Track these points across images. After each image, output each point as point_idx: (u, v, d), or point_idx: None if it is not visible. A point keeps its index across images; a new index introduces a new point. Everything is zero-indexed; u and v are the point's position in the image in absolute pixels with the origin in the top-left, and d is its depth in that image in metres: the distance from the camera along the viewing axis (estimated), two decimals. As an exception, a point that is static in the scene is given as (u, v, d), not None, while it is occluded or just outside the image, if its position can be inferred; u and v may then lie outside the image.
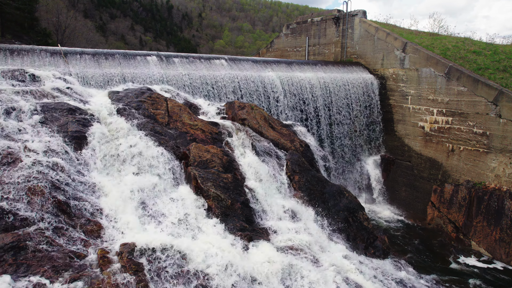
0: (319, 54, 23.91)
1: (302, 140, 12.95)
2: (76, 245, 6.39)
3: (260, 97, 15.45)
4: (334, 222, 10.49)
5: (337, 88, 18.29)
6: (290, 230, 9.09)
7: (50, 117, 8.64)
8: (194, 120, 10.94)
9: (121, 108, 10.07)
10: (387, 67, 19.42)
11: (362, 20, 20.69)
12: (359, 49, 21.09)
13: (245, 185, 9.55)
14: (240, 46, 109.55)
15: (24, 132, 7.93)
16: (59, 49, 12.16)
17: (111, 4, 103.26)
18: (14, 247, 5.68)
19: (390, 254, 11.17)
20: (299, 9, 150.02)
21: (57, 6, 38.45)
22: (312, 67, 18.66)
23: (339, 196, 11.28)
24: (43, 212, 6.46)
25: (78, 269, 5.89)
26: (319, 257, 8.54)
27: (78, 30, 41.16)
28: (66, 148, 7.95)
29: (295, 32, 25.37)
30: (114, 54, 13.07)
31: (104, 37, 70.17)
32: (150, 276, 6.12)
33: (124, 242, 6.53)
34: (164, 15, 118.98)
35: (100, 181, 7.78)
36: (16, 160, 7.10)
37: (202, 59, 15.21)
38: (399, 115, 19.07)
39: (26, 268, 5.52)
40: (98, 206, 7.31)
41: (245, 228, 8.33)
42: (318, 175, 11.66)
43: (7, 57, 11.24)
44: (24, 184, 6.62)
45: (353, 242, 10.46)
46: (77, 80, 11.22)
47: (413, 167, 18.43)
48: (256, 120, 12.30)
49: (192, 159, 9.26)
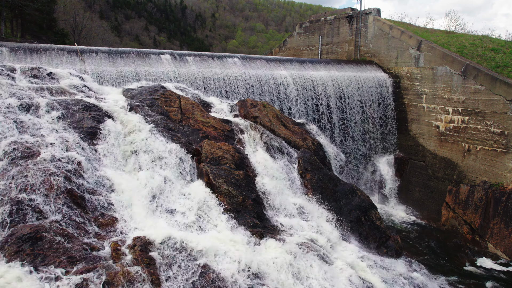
0: (332, 53, 23.75)
1: (314, 139, 12.90)
2: (90, 238, 6.52)
3: (272, 96, 15.45)
4: (346, 221, 10.41)
5: (350, 86, 18.14)
6: (301, 227, 9.07)
7: (66, 114, 8.84)
8: (206, 118, 11.02)
9: (135, 105, 10.23)
10: (401, 66, 19.16)
11: (376, 18, 20.47)
12: (373, 47, 20.86)
13: (257, 182, 9.58)
14: (253, 46, 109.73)
15: (41, 128, 8.14)
16: (75, 48, 12.43)
17: (126, 5, 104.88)
18: (31, 238, 5.84)
19: (403, 254, 11.01)
20: (312, 9, 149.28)
21: (74, 7, 39.30)
22: (325, 66, 18.55)
23: (351, 195, 11.19)
24: (59, 205, 6.62)
25: (92, 261, 6.02)
26: (330, 255, 8.50)
27: (94, 30, 41.97)
28: (82, 143, 8.12)
29: (308, 31, 25.27)
30: (129, 52, 13.28)
31: (119, 37, 71.32)
32: (162, 269, 6.20)
33: (136, 235, 6.63)
34: (177, 16, 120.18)
35: (114, 176, 7.91)
36: (34, 155, 7.30)
37: (215, 58, 15.30)
38: (413, 114, 18.79)
39: (42, 259, 5.66)
40: (111, 200, 7.44)
41: (256, 224, 8.34)
42: (330, 174, 11.59)
43: (26, 55, 11.56)
44: (41, 177, 6.80)
45: (365, 241, 10.36)
46: (92, 78, 11.45)
47: (427, 167, 18.13)
48: (268, 118, 12.31)
49: (204, 155, 9.33)
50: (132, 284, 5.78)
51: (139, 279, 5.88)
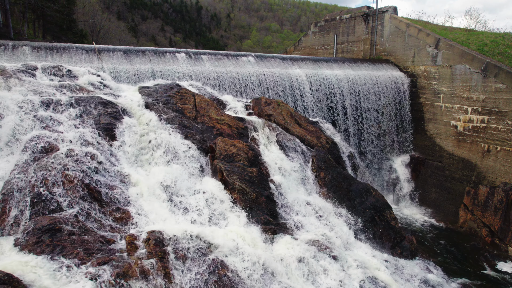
0: (347, 52, 23.52)
1: (328, 137, 12.81)
2: (106, 231, 6.66)
3: (286, 94, 15.42)
4: (360, 220, 10.30)
5: (365, 85, 17.93)
6: (315, 226, 9.04)
7: (84, 110, 9.05)
8: (220, 115, 11.09)
9: (151, 103, 10.39)
10: (418, 65, 18.81)
11: (392, 17, 20.17)
12: (389, 46, 20.56)
13: (270, 179, 9.58)
14: (267, 46, 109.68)
15: (60, 123, 8.36)
16: (93, 47, 12.71)
17: (142, 6, 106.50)
18: (50, 229, 6.01)
19: (418, 255, 10.83)
20: (328, 8, 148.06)
21: (93, 8, 40.18)
22: (340, 65, 18.39)
23: (366, 194, 11.07)
24: (77, 198, 6.79)
25: (107, 253, 6.15)
26: (344, 254, 8.43)
27: (111, 31, 42.79)
28: (99, 139, 8.30)
29: (323, 30, 25.10)
30: (145, 51, 13.50)
31: (135, 37, 72.48)
32: (175, 263, 6.28)
33: (151, 229, 6.72)
34: (193, 16, 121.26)
35: (130, 172, 8.05)
36: (53, 149, 7.51)
37: (230, 56, 15.38)
38: (430, 114, 18.42)
39: (61, 249, 5.82)
40: (127, 195, 7.58)
41: (269, 221, 8.36)
42: (344, 173, 11.50)
43: (47, 54, 11.89)
44: (60, 171, 6.98)
45: (379, 241, 10.23)
46: (109, 76, 11.68)
47: (444, 167, 17.74)
48: (282, 116, 12.30)
49: (218, 152, 9.40)
50: (146, 276, 5.88)
51: (152, 272, 5.98)
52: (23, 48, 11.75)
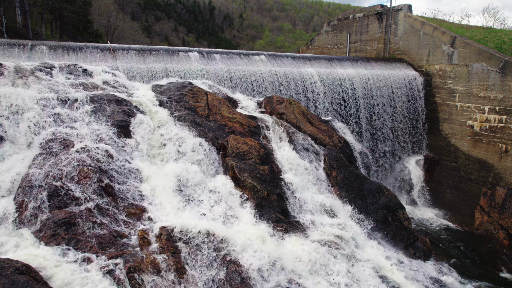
0: (360, 51, 23.29)
1: (341, 136, 12.72)
2: (119, 225, 6.77)
3: (298, 93, 15.37)
4: (372, 220, 10.19)
5: (378, 85, 17.72)
6: (326, 225, 8.98)
7: (99, 107, 9.22)
8: (232, 113, 11.13)
9: (164, 101, 10.50)
10: (433, 63, 18.49)
11: (407, 15, 19.87)
12: (403, 45, 20.26)
13: (282, 178, 9.57)
14: (280, 46, 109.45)
15: (76, 120, 8.54)
16: (108, 46, 12.93)
17: (156, 7, 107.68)
18: (66, 223, 6.15)
19: (431, 256, 10.64)
20: (341, 8, 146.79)
21: (108, 9, 40.84)
22: (353, 64, 18.23)
23: (378, 194, 10.94)
24: (91, 193, 6.92)
25: (120, 247, 6.25)
26: (355, 253, 8.36)
27: (126, 31, 43.42)
28: (112, 136, 8.44)
29: (336, 29, 24.92)
30: (158, 50, 13.66)
31: (149, 38, 73.32)
32: (187, 258, 6.34)
33: (163, 225, 6.81)
34: (206, 16, 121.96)
35: (143, 168, 8.16)
36: (69, 145, 7.67)
37: (242, 55, 15.42)
38: (445, 114, 18.08)
39: (76, 242, 5.95)
40: (140, 190, 7.69)
41: (281, 219, 8.34)
42: (356, 172, 11.40)
43: (64, 53, 12.15)
44: (75, 167, 7.14)
45: (392, 241, 10.10)
46: (123, 74, 11.85)
47: (459, 168, 17.39)
48: (294, 114, 12.27)
49: (230, 150, 9.44)
50: (158, 271, 5.95)
51: (164, 266, 6.05)
52: (41, 48, 12.03)
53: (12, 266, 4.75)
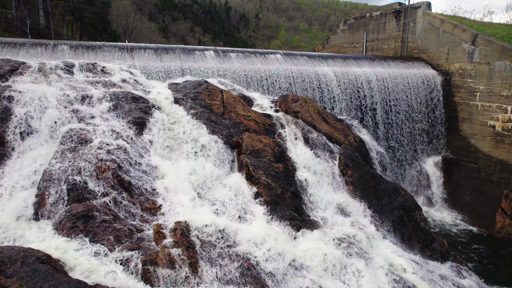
0: (377, 50, 22.98)
1: (356, 135, 12.58)
2: (135, 220, 6.89)
3: (314, 91, 15.29)
4: (388, 220, 10.04)
5: (395, 84, 17.44)
6: (340, 223, 8.90)
7: (116, 104, 9.41)
8: (247, 111, 11.17)
9: (180, 98, 10.63)
10: (453, 62, 18.06)
11: (425, 13, 19.48)
12: (421, 43, 19.87)
13: (296, 176, 9.54)
14: (296, 46, 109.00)
15: (94, 117, 8.74)
16: (126, 45, 13.18)
17: (173, 7, 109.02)
18: (84, 216, 6.30)
19: (449, 258, 10.40)
20: (357, 7, 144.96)
21: (126, 9, 41.62)
22: (369, 62, 18.00)
23: (394, 194, 10.77)
24: (109, 187, 7.07)
25: (136, 241, 6.36)
26: (370, 252, 8.25)
27: (143, 31, 44.15)
28: (129, 132, 8.59)
29: (352, 27, 24.66)
30: (175, 49, 13.83)
31: (166, 38, 74.26)
32: (201, 253, 6.40)
33: (178, 220, 6.90)
34: (222, 17, 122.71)
35: (158, 164, 8.28)
36: (87, 141, 7.86)
37: (257, 54, 15.45)
38: (465, 113, 17.63)
39: (93, 235, 6.09)
40: (155, 186, 7.80)
41: (295, 217, 8.32)
42: (372, 171, 11.25)
43: (83, 52, 12.47)
44: (93, 162, 7.30)
45: (408, 242, 9.92)
46: (141, 73, 12.07)
47: (479, 169, 16.92)
48: (309, 113, 12.21)
49: (245, 147, 9.47)
50: (172, 265, 6.03)
51: (179, 261, 6.12)
52: (62, 47, 12.38)
53: (34, 256, 4.90)
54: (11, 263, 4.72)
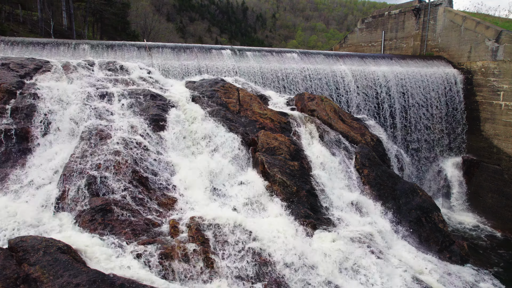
0: (396, 49, 22.57)
1: (373, 135, 12.40)
2: (151, 214, 7.01)
3: (330, 90, 15.17)
4: (405, 220, 9.86)
5: (414, 82, 17.09)
6: (356, 223, 8.80)
7: (134, 102, 9.60)
8: (263, 110, 11.19)
9: (196, 96, 10.75)
10: (475, 60, 17.55)
11: (447, 10, 19.01)
12: (442, 41, 19.40)
13: (312, 174, 9.49)
14: (312, 46, 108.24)
15: (113, 113, 8.94)
16: (144, 44, 13.42)
17: (190, 8, 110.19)
18: (102, 209, 6.47)
19: (469, 262, 10.12)
20: (376, 6, 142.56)
21: (144, 10, 42.34)
22: (387, 61, 17.71)
23: (412, 194, 10.57)
24: (126, 182, 7.22)
25: (152, 235, 6.48)
26: (386, 252, 8.13)
27: (161, 32, 44.82)
28: (147, 129, 8.76)
29: (370, 26, 24.32)
30: (192, 48, 13.99)
31: (183, 38, 75.13)
32: (215, 248, 6.45)
33: (193, 215, 6.98)
34: (239, 17, 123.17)
35: (175, 160, 8.40)
36: (106, 137, 8.05)
37: (274, 53, 15.45)
38: (487, 113, 17.10)
39: (111, 228, 6.24)
40: (172, 182, 7.92)
41: (310, 215, 8.28)
42: (389, 171, 11.07)
43: (103, 51, 12.77)
44: (112, 157, 7.48)
45: (426, 244, 9.71)
46: (158, 71, 12.27)
47: (503, 171, 16.38)
48: (325, 111, 12.12)
49: (260, 145, 9.49)
50: (187, 259, 6.11)
51: (194, 255, 6.20)
52: (83, 46, 12.72)
53: (56, 246, 5.07)
54: (34, 252, 4.90)
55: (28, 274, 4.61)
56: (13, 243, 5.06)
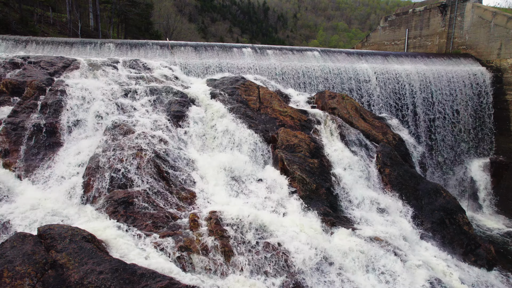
0: (420, 47, 22.01)
1: (395, 134, 12.15)
2: (172, 208, 7.14)
3: (352, 89, 14.97)
4: (427, 221, 9.60)
5: (439, 81, 16.61)
6: (376, 222, 8.65)
7: (157, 99, 9.80)
8: (283, 107, 11.17)
9: (217, 94, 10.86)
10: (506, 57, 16.88)
11: (475, 5, 18.37)
12: (469, 38, 18.76)
13: (332, 172, 9.40)
14: (334, 46, 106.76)
15: (136, 110, 9.17)
16: (166, 43, 13.68)
17: (212, 9, 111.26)
18: (125, 202, 6.64)
19: (496, 266, 9.74)
20: (399, 5, 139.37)
21: (167, 11, 43.11)
22: (411, 59, 17.31)
23: (435, 195, 10.28)
24: (148, 176, 7.38)
25: (172, 228, 6.60)
26: (407, 253, 7.94)
27: (183, 32, 45.51)
28: (168, 124, 8.93)
29: (393, 24, 23.81)
30: (213, 46, 14.15)
31: (205, 38, 75.92)
32: (234, 243, 6.50)
33: (213, 209, 7.06)
34: (260, 17, 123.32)
35: (195, 156, 8.53)
36: (129, 132, 8.26)
37: (295, 51, 15.40)
38: (518, 113, 16.42)
39: (132, 220, 6.40)
40: (192, 177, 8.04)
41: (329, 213, 8.21)
42: (411, 171, 10.82)
43: (127, 50, 13.12)
44: (134, 151, 7.67)
45: (449, 246, 9.42)
46: (180, 69, 12.48)
47: (533, 174, 15.70)
48: (346, 110, 11.98)
49: (280, 142, 9.49)
50: (206, 252, 6.18)
51: (213, 249, 6.27)
52: (108, 45, 13.10)
53: (81, 234, 5.26)
54: (61, 239, 5.10)
55: (55, 260, 4.80)
56: (41, 231, 5.28)
